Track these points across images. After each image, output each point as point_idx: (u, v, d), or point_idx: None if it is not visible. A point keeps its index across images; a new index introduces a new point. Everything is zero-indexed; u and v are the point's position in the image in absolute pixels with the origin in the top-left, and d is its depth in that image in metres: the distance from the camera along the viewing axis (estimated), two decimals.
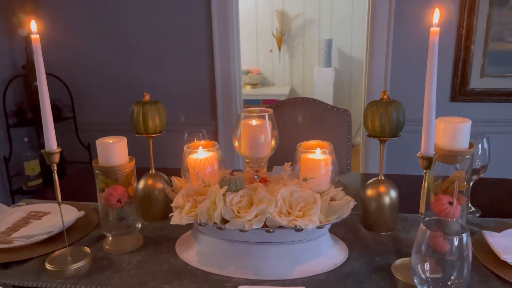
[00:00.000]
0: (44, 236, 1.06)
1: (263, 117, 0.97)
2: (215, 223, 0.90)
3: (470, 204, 1.21)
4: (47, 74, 0.81)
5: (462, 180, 0.94)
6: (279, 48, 4.66)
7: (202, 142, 1.05)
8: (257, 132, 0.97)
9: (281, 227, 0.89)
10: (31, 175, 2.62)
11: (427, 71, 0.80)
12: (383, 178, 1.10)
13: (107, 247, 1.05)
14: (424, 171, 0.84)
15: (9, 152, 2.57)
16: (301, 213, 0.90)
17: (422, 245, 0.67)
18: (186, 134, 1.27)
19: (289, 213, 0.90)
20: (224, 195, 0.91)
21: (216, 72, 2.58)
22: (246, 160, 1.00)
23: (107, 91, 2.70)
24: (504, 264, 0.91)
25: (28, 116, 2.69)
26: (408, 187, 1.16)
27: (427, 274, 0.68)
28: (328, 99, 4.35)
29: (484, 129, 2.43)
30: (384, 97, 1.05)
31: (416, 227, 1.11)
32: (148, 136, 1.14)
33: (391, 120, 1.02)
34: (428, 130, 0.81)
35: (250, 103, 4.43)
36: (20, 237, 1.07)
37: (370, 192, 1.09)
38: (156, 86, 2.63)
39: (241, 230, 0.89)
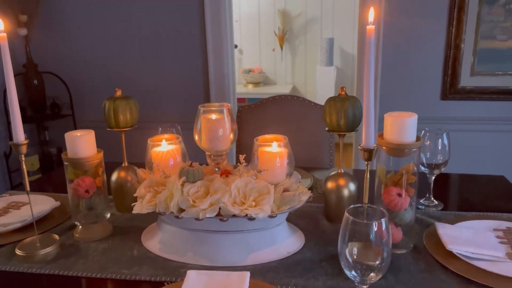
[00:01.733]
0: (19, 225, 1.12)
1: (221, 111, 1.01)
2: (172, 212, 0.95)
3: (432, 198, 1.24)
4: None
5: (411, 172, 0.97)
6: (281, 47, 4.69)
7: (166, 135, 1.09)
8: (216, 126, 1.01)
9: (234, 216, 0.94)
10: (30, 171, 2.71)
11: (365, 66, 0.83)
12: (342, 171, 1.13)
13: (77, 235, 1.10)
14: (366, 162, 0.88)
15: (9, 148, 2.66)
16: (254, 203, 0.94)
17: (345, 231, 0.71)
18: (160, 129, 1.32)
19: (243, 203, 0.94)
20: (182, 185, 0.96)
21: (210, 71, 2.63)
22: (207, 153, 1.05)
23: (105, 89, 2.77)
24: (450, 254, 0.94)
25: (28, 113, 2.78)
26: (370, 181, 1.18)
27: (354, 258, 0.72)
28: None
29: (474, 127, 2.45)
30: (342, 93, 1.08)
31: None
32: (120, 130, 1.19)
33: (347, 115, 1.05)
34: (368, 124, 0.84)
35: (252, 101, 4.46)
36: None
37: (330, 184, 1.13)
38: (152, 83, 2.69)
39: (197, 219, 0.94)
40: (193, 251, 0.99)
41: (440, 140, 1.18)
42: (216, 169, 1.06)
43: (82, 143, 1.04)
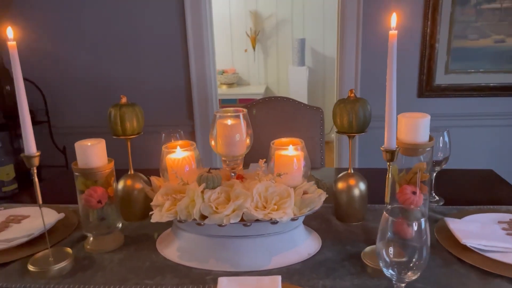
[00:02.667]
0: (25, 239, 1.08)
1: (237, 116, 1.01)
2: (194, 219, 0.94)
3: (434, 194, 1.28)
4: None
5: (423, 171, 1.00)
6: (254, 48, 4.71)
7: (180, 142, 1.08)
8: (232, 131, 1.01)
9: (257, 220, 0.94)
10: (5, 181, 2.59)
11: (387, 70, 0.86)
12: (352, 171, 1.16)
13: (88, 247, 1.07)
14: (388, 163, 0.90)
15: None
16: (276, 207, 0.95)
17: (385, 231, 0.73)
18: (164, 134, 1.31)
19: (265, 207, 0.95)
20: (202, 192, 0.96)
21: (192, 73, 2.61)
22: (223, 158, 1.05)
23: (82, 94, 2.69)
24: (464, 247, 0.98)
25: (0, 120, 2.66)
26: (377, 180, 1.22)
27: (391, 258, 0.74)
28: (303, 98, 4.43)
29: (450, 123, 2.55)
30: (351, 95, 1.11)
31: None
32: (126, 138, 1.17)
33: (358, 117, 1.08)
34: (390, 126, 0.87)
35: (226, 102, 4.47)
36: (1, 241, 1.08)
37: (340, 185, 1.16)
38: (132, 88, 2.64)
39: (220, 225, 0.94)
40: (215, 258, 0.99)
41: (441, 137, 1.23)
42: (232, 174, 1.06)
43: (93, 153, 1.02)
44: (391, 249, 0.74)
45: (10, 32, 0.87)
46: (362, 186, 1.15)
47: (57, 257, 1.00)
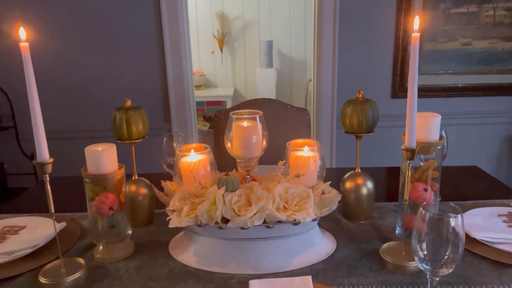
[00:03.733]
0: (30, 250, 1.02)
1: (254, 118, 1.01)
2: (217, 222, 0.93)
3: None
4: None
5: (433, 168, 1.04)
6: (221, 50, 4.69)
7: (194, 145, 1.06)
8: (249, 133, 1.01)
9: (279, 222, 0.94)
10: None
11: (409, 71, 0.89)
12: (359, 171, 1.19)
13: (98, 256, 1.03)
14: (408, 162, 0.93)
15: None
16: (297, 208, 0.95)
17: (421, 227, 0.75)
18: (165, 138, 1.28)
19: (286, 208, 0.95)
20: (222, 196, 0.94)
21: (168, 75, 2.56)
22: (238, 160, 1.04)
23: (52, 98, 2.57)
24: (474, 240, 1.03)
25: None
26: (375, 179, 1.25)
27: (425, 252, 0.77)
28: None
29: None
30: (360, 96, 1.13)
31: (389, 214, 1.22)
32: (131, 142, 1.13)
33: (367, 117, 1.10)
34: (411, 125, 0.90)
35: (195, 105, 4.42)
36: (1, 254, 1.02)
37: (348, 184, 1.18)
38: (106, 89, 2.56)
39: (242, 228, 0.93)
40: (235, 261, 0.98)
41: None
42: (247, 176, 1.06)
43: (105, 158, 0.98)
44: (426, 244, 0.76)
45: (22, 33, 0.82)
46: (370, 184, 1.17)
47: (69, 267, 0.95)
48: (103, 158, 0.98)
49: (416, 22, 0.87)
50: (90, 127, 2.57)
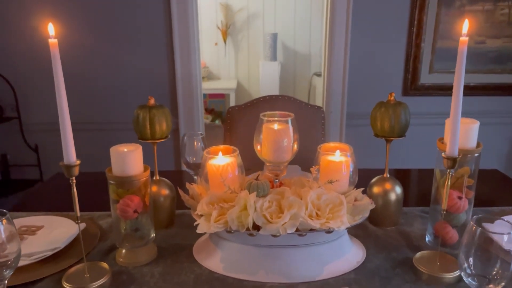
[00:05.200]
0: (50, 253, 0.98)
1: (285, 121, 0.97)
2: (247, 229, 0.90)
3: None
4: None
5: (467, 175, 1.01)
6: (225, 42, 4.63)
7: (221, 147, 1.02)
8: (280, 136, 0.97)
9: (312, 229, 0.91)
10: None
11: (455, 76, 0.85)
12: (388, 175, 1.15)
13: (121, 259, 0.99)
14: (448, 170, 0.90)
15: None
16: (331, 215, 0.92)
17: (471, 241, 0.72)
18: (186, 137, 1.24)
19: (318, 216, 0.92)
20: (253, 201, 0.91)
21: (177, 68, 2.51)
22: (267, 164, 1.00)
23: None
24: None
25: None
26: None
27: (472, 268, 0.74)
28: (274, 93, 4.42)
29: (433, 121, 2.62)
30: (391, 98, 1.10)
31: (416, 220, 1.19)
32: (153, 141, 1.09)
33: (400, 121, 1.07)
34: (454, 133, 0.86)
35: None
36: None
37: (376, 189, 1.14)
38: (113, 82, 2.50)
39: (274, 235, 0.89)
40: (265, 269, 0.94)
41: None
42: (276, 180, 1.02)
43: (131, 159, 0.94)
44: (474, 259, 0.73)
45: (51, 29, 0.78)
46: (398, 190, 1.14)
47: (93, 272, 0.91)
48: (129, 159, 0.94)
49: (465, 26, 0.83)
50: (98, 119, 2.52)
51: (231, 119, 1.91)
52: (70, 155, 0.83)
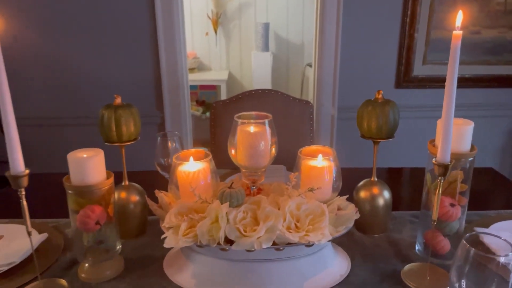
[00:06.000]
0: (5, 268, 0.90)
1: (262, 123, 0.88)
2: (219, 243, 0.81)
3: None
4: None
5: (460, 180, 0.93)
6: (215, 31, 4.50)
7: (192, 151, 0.94)
8: (256, 140, 0.88)
9: (290, 243, 0.83)
10: None
11: (447, 75, 0.77)
12: (376, 179, 1.07)
13: (83, 275, 0.91)
14: (439, 178, 0.82)
15: None
16: (311, 227, 0.83)
17: (463, 263, 0.64)
18: (159, 138, 1.15)
19: (298, 228, 0.84)
20: (226, 212, 0.82)
21: (161, 59, 2.40)
22: (243, 170, 0.92)
23: (37, 82, 2.40)
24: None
25: None
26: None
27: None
28: (267, 85, 4.32)
29: (427, 114, 2.55)
30: (379, 96, 1.01)
31: (406, 226, 1.11)
32: (121, 144, 1.00)
33: (388, 121, 0.98)
34: (446, 137, 0.78)
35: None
36: None
37: (363, 194, 1.06)
38: (94, 74, 2.39)
39: (248, 250, 0.81)
40: (240, 284, 0.86)
41: None
42: (253, 187, 0.93)
43: (90, 166, 0.85)
44: (467, 279, 0.66)
45: None
46: (387, 194, 1.06)
47: None
48: (88, 166, 0.85)
49: (458, 18, 0.74)
50: (78, 115, 2.42)
51: (216, 115, 1.82)
52: (17, 164, 0.74)
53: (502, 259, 0.62)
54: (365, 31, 2.44)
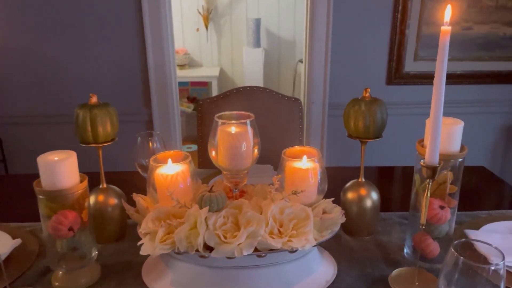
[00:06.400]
0: None
1: (244, 123, 0.84)
2: (197, 250, 0.77)
3: None
4: None
5: (450, 182, 0.90)
6: (206, 27, 4.45)
7: (171, 152, 0.89)
8: (237, 141, 0.84)
9: (272, 250, 0.79)
10: None
11: (436, 72, 0.73)
12: (363, 180, 1.04)
13: (57, 284, 0.87)
14: (427, 180, 0.78)
15: None
16: (294, 232, 0.80)
17: (452, 271, 0.61)
18: (139, 138, 1.11)
19: (281, 233, 0.80)
20: (205, 218, 0.79)
21: (148, 55, 2.35)
22: (224, 173, 0.88)
23: (20, 80, 2.34)
24: None
25: None
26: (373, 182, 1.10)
27: None
28: (258, 81, 4.28)
29: (419, 111, 2.52)
30: (366, 95, 0.97)
31: (394, 228, 1.08)
32: (98, 146, 0.96)
33: (375, 120, 0.95)
34: (434, 138, 0.74)
35: (178, 85, 4.22)
36: None
37: (350, 195, 1.03)
38: (79, 71, 2.34)
39: (229, 257, 0.77)
40: None
41: None
42: (235, 190, 0.90)
43: (62, 170, 0.80)
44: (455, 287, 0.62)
45: None
46: (375, 196, 1.03)
47: None
48: (60, 170, 0.80)
49: (447, 13, 0.70)
50: (62, 113, 2.36)
51: (203, 113, 1.78)
52: None
53: (492, 267, 0.59)
54: (356, 28, 2.40)
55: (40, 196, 0.81)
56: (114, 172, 1.41)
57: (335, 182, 1.11)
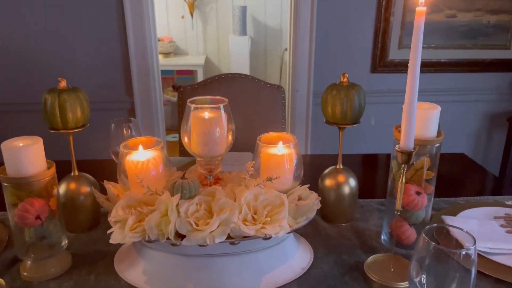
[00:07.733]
0: None
1: (217, 108, 0.82)
2: (168, 239, 0.75)
3: None
4: None
5: (427, 168, 0.89)
6: (192, 15, 4.38)
7: (142, 138, 0.87)
8: (210, 127, 0.82)
9: (246, 237, 0.77)
10: None
11: (410, 55, 0.72)
12: (341, 167, 1.02)
13: (25, 273, 0.84)
14: (402, 166, 0.77)
15: None
16: (268, 219, 0.78)
17: (423, 257, 0.60)
18: (113, 124, 1.08)
19: (255, 220, 0.78)
20: (177, 205, 0.76)
21: (129, 42, 2.30)
22: (198, 159, 0.85)
23: None
24: None
25: None
26: (354, 169, 1.09)
27: (424, 283, 0.62)
28: (245, 69, 4.24)
29: (402, 99, 2.52)
30: (344, 80, 0.95)
31: (372, 215, 1.08)
32: (67, 132, 0.93)
33: (353, 106, 0.93)
34: (409, 122, 0.73)
35: (162, 74, 4.15)
36: None
37: (328, 182, 1.02)
38: (57, 59, 2.28)
39: (201, 245, 0.76)
40: (194, 281, 0.81)
41: None
42: (209, 177, 0.88)
43: (27, 156, 0.78)
44: (427, 274, 0.61)
45: None
46: (353, 182, 1.02)
47: None
48: (25, 156, 0.77)
49: None
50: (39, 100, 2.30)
51: (183, 100, 1.75)
52: None
53: (463, 252, 0.58)
54: (340, 16, 2.38)
55: (5, 184, 0.78)
56: (90, 160, 1.38)
57: (314, 169, 1.10)
